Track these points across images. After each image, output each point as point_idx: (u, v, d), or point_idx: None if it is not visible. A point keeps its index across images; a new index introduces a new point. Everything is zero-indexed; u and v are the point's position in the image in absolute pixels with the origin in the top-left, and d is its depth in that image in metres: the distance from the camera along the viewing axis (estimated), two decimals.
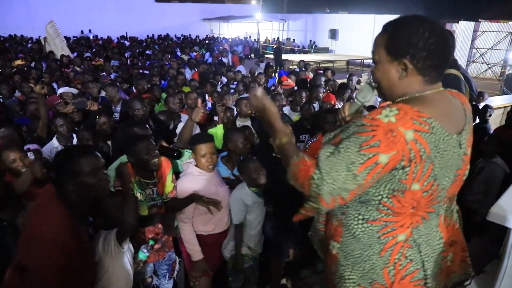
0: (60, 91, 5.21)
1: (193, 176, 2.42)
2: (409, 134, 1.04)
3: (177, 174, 2.60)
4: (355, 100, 1.46)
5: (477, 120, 4.52)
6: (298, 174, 1.18)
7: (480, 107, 4.70)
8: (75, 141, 3.44)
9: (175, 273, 2.72)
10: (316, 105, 4.78)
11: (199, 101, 2.96)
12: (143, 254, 2.16)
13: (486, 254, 2.49)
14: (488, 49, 15.85)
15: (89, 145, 3.02)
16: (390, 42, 1.14)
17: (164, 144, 2.69)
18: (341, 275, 1.30)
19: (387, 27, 1.17)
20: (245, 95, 5.62)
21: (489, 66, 16.00)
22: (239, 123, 3.90)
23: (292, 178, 1.21)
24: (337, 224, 1.30)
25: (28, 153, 2.77)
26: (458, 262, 1.33)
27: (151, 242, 2.18)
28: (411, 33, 1.10)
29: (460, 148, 1.16)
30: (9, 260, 1.64)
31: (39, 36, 16.13)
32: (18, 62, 9.67)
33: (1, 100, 5.14)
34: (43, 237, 1.48)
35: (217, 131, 3.62)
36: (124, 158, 2.39)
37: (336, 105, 4.88)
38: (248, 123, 3.83)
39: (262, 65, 11.35)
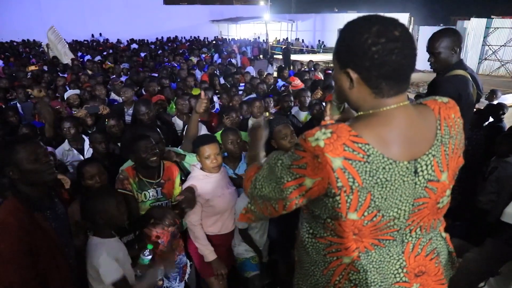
0: (66, 95, 5.29)
1: (198, 180, 2.42)
2: (337, 162, 0.94)
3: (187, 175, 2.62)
4: (333, 101, 1.46)
5: (491, 119, 4.45)
6: (247, 174, 1.29)
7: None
8: (87, 143, 3.49)
9: (187, 276, 2.73)
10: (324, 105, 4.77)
11: (202, 92, 2.96)
12: (145, 260, 2.15)
13: (500, 255, 2.45)
14: (501, 46, 15.56)
15: (26, 134, 3.24)
16: (336, 48, 1.04)
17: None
18: (296, 282, 1.33)
19: (340, 31, 1.04)
20: (253, 95, 5.65)
21: (502, 63, 15.72)
22: (251, 122, 3.96)
23: (244, 176, 1.33)
24: (299, 233, 1.30)
25: None
26: None
27: (149, 247, 2.17)
28: (354, 39, 0.96)
29: (415, 176, 1.00)
30: None
31: (41, 43, 16.30)
32: (32, 67, 9.81)
33: (18, 104, 5.25)
34: None
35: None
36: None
37: None
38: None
39: (271, 66, 11.34)
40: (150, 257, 2.17)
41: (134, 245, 2.28)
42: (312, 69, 8.98)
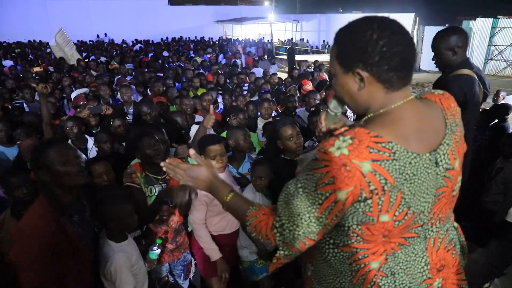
0: (73, 95, 5.33)
1: None
2: (366, 166, 0.92)
3: None
4: (328, 110, 1.36)
5: (496, 120, 4.43)
6: (259, 227, 1.13)
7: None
8: (90, 143, 3.52)
9: (191, 274, 2.74)
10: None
11: (211, 107, 2.98)
12: (153, 254, 2.19)
13: (506, 256, 2.44)
14: (507, 46, 15.44)
15: (59, 137, 3.22)
16: (340, 52, 1.03)
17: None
18: None
19: (336, 36, 1.04)
20: (255, 98, 5.68)
21: (508, 63, 15.60)
22: (260, 123, 4.06)
23: (254, 232, 1.15)
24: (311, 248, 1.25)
25: None
26: (449, 285, 1.20)
27: (158, 241, 2.21)
28: (358, 39, 0.97)
29: (436, 166, 1.02)
30: None
31: (47, 43, 16.36)
32: (37, 69, 9.89)
33: (25, 104, 5.31)
34: (26, 231, 1.54)
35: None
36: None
37: None
38: None
39: (275, 67, 11.34)
40: (159, 251, 2.20)
41: (141, 241, 2.32)
42: (318, 69, 8.97)
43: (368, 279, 1.08)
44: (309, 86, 6.00)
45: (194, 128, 3.73)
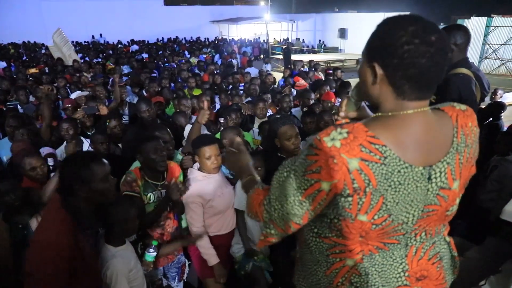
0: (73, 96, 5.31)
1: (197, 181, 2.41)
2: (353, 163, 0.92)
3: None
4: (350, 97, 1.38)
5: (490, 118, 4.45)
6: (251, 203, 1.21)
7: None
8: (85, 145, 3.49)
9: (185, 275, 2.74)
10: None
11: (206, 103, 2.97)
12: (149, 256, 2.18)
13: (501, 253, 2.45)
14: (501, 44, 15.57)
15: (97, 152, 3.03)
16: (371, 41, 1.01)
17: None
18: (297, 279, 1.32)
19: (378, 25, 1.02)
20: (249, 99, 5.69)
21: (502, 62, 15.71)
22: (256, 123, 4.07)
23: (248, 209, 1.24)
24: (302, 231, 1.25)
25: (48, 159, 2.84)
26: None
27: (154, 243, 2.20)
28: (389, 35, 0.94)
29: (429, 182, 0.99)
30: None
31: (43, 44, 16.17)
32: (32, 70, 9.82)
33: (19, 106, 5.27)
34: (45, 244, 1.49)
35: None
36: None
37: (336, 103, 4.89)
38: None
39: (268, 66, 11.35)
40: (155, 253, 2.19)
41: (137, 244, 2.30)
42: (313, 69, 8.98)
43: (341, 273, 1.11)
44: (301, 81, 6.03)
45: (188, 128, 3.72)
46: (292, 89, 6.32)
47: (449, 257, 1.21)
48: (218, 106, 5.44)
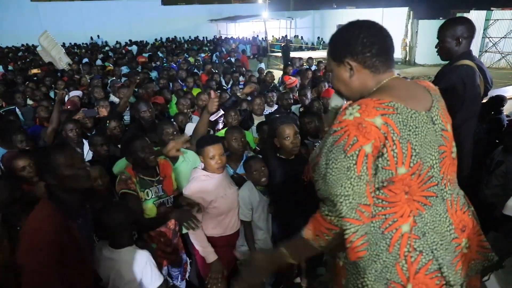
0: (66, 97, 5.30)
1: (201, 181, 2.40)
2: (378, 120, 1.07)
3: None
4: (329, 109, 1.56)
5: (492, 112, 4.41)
6: (313, 228, 1.21)
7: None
8: (86, 147, 3.48)
9: (187, 274, 2.73)
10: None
11: (212, 92, 2.94)
12: None
13: (505, 248, 2.43)
14: (501, 38, 15.49)
15: (64, 141, 3.23)
16: (332, 49, 1.28)
17: None
18: (354, 285, 1.24)
19: (330, 38, 1.30)
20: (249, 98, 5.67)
21: (502, 55, 15.65)
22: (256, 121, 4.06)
23: (317, 237, 1.21)
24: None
25: None
26: (475, 247, 1.28)
27: (153, 246, 2.19)
28: (344, 36, 1.23)
29: (433, 124, 1.18)
30: None
31: (30, 45, 15.83)
32: (35, 70, 9.72)
33: (17, 109, 5.26)
34: (32, 232, 1.55)
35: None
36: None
37: None
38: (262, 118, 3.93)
39: (262, 65, 11.35)
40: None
41: (137, 243, 2.29)
42: (314, 66, 8.98)
43: (403, 243, 1.15)
44: (290, 80, 6.03)
45: (189, 126, 3.70)
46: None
47: (470, 207, 1.34)
48: None
